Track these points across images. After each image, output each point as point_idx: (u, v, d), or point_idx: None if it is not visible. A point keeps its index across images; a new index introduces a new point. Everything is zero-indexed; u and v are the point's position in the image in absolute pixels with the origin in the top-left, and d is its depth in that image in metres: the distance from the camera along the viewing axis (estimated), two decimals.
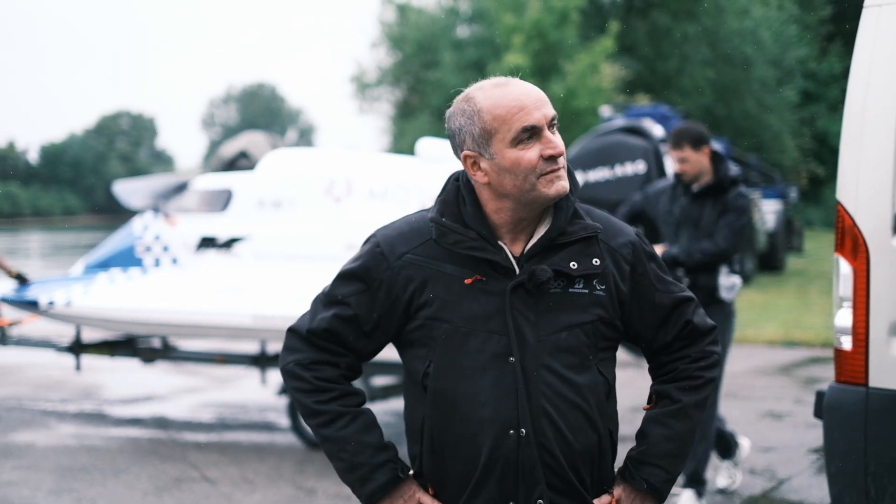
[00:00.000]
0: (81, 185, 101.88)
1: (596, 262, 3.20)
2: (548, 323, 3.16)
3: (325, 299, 3.32)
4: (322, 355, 3.32)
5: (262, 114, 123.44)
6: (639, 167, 11.47)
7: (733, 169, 8.57)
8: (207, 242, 10.46)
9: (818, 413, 5.65)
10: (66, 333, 12.08)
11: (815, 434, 10.01)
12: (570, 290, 3.18)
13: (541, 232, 3.20)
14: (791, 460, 9.51)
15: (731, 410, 11.59)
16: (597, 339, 3.22)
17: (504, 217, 3.19)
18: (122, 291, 10.38)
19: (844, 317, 5.33)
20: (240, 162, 11.15)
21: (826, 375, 13.06)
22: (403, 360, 3.35)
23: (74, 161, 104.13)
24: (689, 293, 3.39)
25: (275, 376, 11.50)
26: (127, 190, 11.64)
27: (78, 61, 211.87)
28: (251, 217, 10.36)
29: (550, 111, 3.14)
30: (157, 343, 11.64)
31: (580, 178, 11.76)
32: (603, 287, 3.21)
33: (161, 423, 11.26)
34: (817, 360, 15.02)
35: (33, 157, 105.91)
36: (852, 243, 5.27)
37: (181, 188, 10.92)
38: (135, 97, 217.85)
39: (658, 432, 3.34)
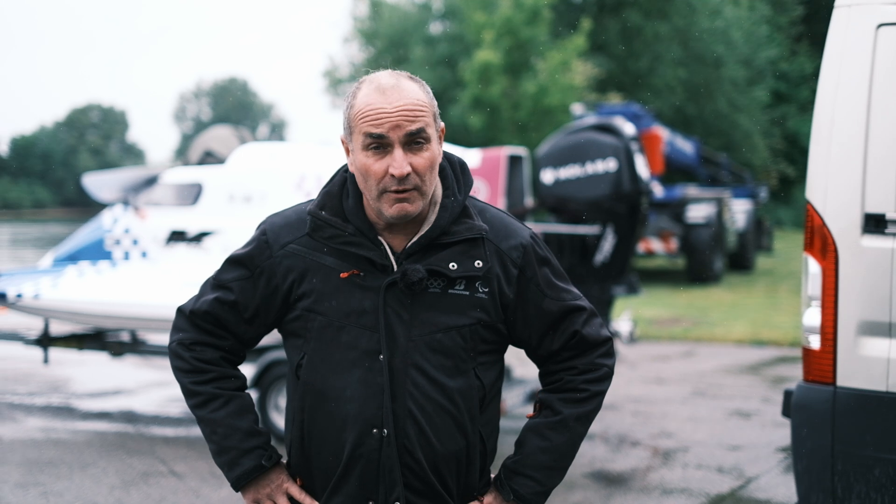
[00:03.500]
0: (51, 177, 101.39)
1: (478, 264, 3.10)
2: (422, 323, 3.09)
3: (213, 282, 3.31)
4: (203, 336, 3.30)
5: (233, 108, 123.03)
6: (609, 165, 11.50)
7: None
8: (177, 236, 10.43)
9: (786, 412, 5.68)
10: (34, 326, 12.01)
11: (782, 433, 10.08)
12: (450, 290, 3.11)
13: (423, 230, 3.12)
14: (758, 459, 9.55)
15: (699, 408, 11.66)
16: (476, 343, 3.13)
17: (374, 215, 3.14)
18: (91, 285, 10.34)
19: (813, 316, 5.36)
20: (206, 161, 11.11)
21: (794, 375, 13.13)
22: (285, 349, 3.31)
23: (44, 154, 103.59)
24: (583, 302, 3.26)
25: (243, 370, 11.45)
26: (97, 183, 11.58)
27: (49, 53, 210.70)
28: (221, 211, 10.33)
29: (412, 126, 2.99)
30: (125, 337, 11.60)
31: (551, 175, 11.80)
32: (486, 290, 3.12)
33: (129, 417, 11.22)
34: (785, 360, 15.10)
35: (3, 149, 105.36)
36: (821, 243, 5.30)
37: (151, 181, 10.88)
38: (106, 90, 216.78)
39: (534, 443, 3.21)
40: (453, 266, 3.08)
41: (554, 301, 3.20)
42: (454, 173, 3.20)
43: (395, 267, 3.10)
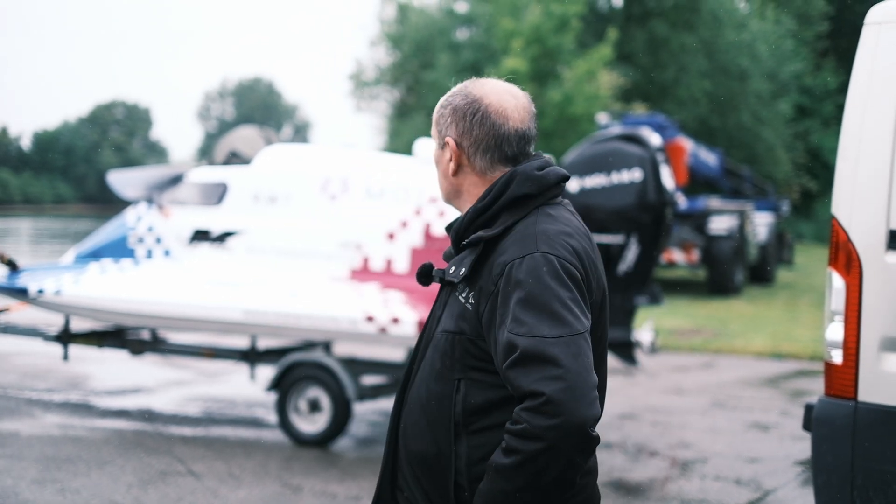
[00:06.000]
0: (73, 173, 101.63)
1: (462, 271, 3.07)
2: (440, 322, 3.20)
3: None
4: None
5: (258, 108, 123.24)
6: (635, 175, 11.48)
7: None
8: (201, 235, 10.45)
9: (807, 426, 5.68)
10: (54, 322, 12.05)
11: (800, 446, 10.06)
12: (458, 295, 3.12)
13: None
14: (777, 472, 9.53)
15: (718, 420, 11.64)
16: (461, 353, 3.05)
17: None
18: (113, 282, 10.36)
19: (836, 331, 5.36)
20: (232, 161, 11.13)
21: (813, 388, 13.11)
22: None
23: (67, 149, 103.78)
24: (520, 340, 2.84)
25: (263, 372, 11.49)
26: (121, 180, 11.62)
27: (74, 49, 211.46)
28: (246, 211, 10.34)
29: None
30: (146, 335, 11.63)
31: (576, 183, 11.79)
32: (472, 301, 3.04)
33: (147, 415, 11.24)
34: (805, 373, 15.05)
35: (25, 143, 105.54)
36: (846, 258, 5.30)
37: (176, 180, 10.91)
38: (130, 87, 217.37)
39: (482, 484, 2.97)
40: (451, 269, 3.15)
41: (503, 330, 2.91)
42: (499, 183, 3.15)
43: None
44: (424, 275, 3.25)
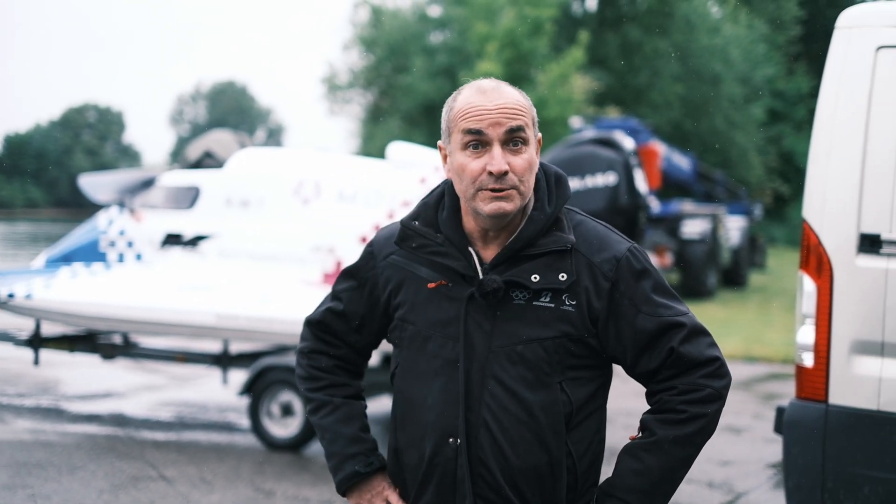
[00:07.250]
0: (45, 177, 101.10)
1: (562, 276, 3.05)
2: (504, 334, 3.07)
3: (330, 292, 3.47)
4: (319, 345, 3.46)
5: (231, 112, 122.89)
6: (609, 178, 11.51)
7: None
8: (173, 239, 10.42)
9: (778, 428, 5.70)
10: (25, 326, 11.97)
11: (773, 449, 10.08)
12: (535, 303, 3.06)
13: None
14: (749, 475, 9.55)
15: None
16: (562, 356, 3.06)
17: (471, 223, 3.15)
18: (85, 286, 10.31)
19: (807, 334, 5.38)
20: (205, 162, 11.09)
21: (785, 391, 13.14)
22: (391, 358, 3.40)
23: (38, 153, 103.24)
24: (684, 319, 3.10)
25: (236, 376, 11.45)
26: (93, 184, 11.55)
27: (46, 51, 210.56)
28: (218, 215, 10.31)
29: (512, 123, 3.02)
30: (117, 339, 11.57)
31: None
32: (573, 303, 3.06)
33: (119, 420, 11.18)
34: (777, 376, 15.10)
35: None
36: (817, 261, 5.32)
37: (148, 184, 10.86)
38: (103, 90, 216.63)
39: (627, 465, 3.12)
40: (535, 278, 3.06)
41: (648, 317, 3.08)
42: (547, 185, 3.19)
43: (481, 278, 3.11)
44: (495, 291, 3.07)
